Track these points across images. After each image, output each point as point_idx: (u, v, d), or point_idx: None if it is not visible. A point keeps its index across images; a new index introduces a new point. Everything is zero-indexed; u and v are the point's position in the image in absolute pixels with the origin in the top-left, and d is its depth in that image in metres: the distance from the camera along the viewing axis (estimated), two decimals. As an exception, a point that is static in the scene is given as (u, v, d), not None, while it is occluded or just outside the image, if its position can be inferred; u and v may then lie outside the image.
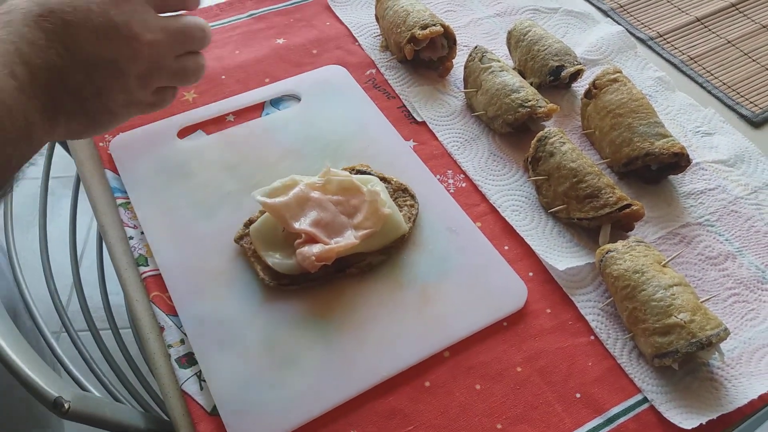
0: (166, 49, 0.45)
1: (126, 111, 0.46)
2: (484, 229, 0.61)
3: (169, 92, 0.49)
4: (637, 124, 0.64)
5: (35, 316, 0.71)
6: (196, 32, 0.47)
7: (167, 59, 0.46)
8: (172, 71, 0.46)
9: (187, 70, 0.48)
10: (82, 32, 0.41)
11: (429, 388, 0.51)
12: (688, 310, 0.51)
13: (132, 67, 0.43)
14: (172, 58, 0.46)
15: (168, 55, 0.45)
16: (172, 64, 0.46)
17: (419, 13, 0.73)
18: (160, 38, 0.44)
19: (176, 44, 0.46)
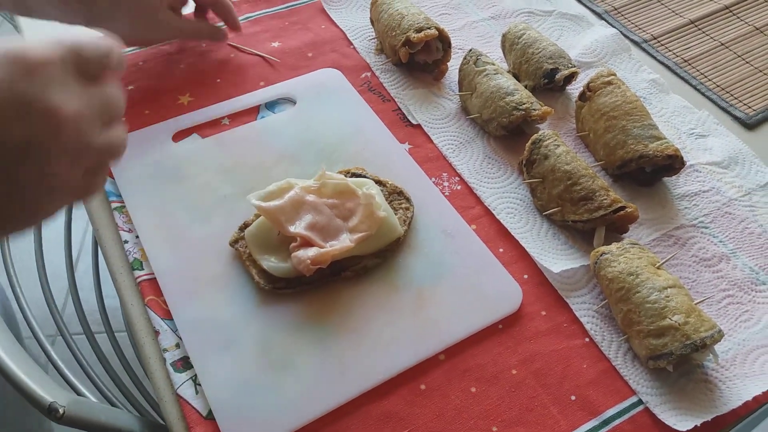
0: (91, 122, 0.38)
1: (51, 201, 0.39)
2: (479, 231, 0.62)
3: (101, 172, 0.41)
4: (631, 126, 0.64)
5: (30, 320, 0.71)
6: (117, 98, 0.41)
7: (92, 133, 0.38)
8: (98, 146, 0.39)
9: (114, 143, 0.40)
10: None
11: (424, 391, 0.51)
12: (683, 312, 0.51)
13: (54, 146, 0.36)
14: (96, 131, 0.38)
15: (92, 128, 0.38)
16: (98, 139, 0.39)
17: (414, 16, 0.73)
18: (84, 109, 0.37)
19: (102, 114, 0.39)
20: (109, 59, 0.40)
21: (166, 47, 0.77)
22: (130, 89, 0.72)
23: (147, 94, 0.71)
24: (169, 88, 0.72)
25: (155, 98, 0.71)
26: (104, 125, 0.39)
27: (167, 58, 0.76)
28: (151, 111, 0.70)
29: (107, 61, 0.39)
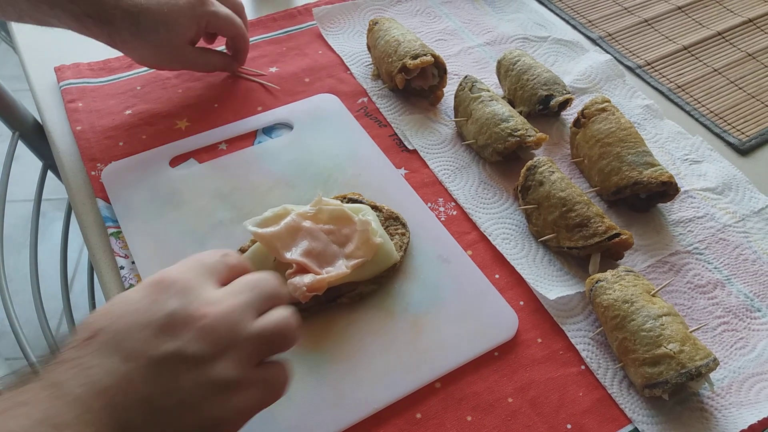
0: (240, 314, 0.39)
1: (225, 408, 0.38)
2: (475, 257, 0.62)
3: (276, 366, 0.42)
4: (626, 153, 0.65)
5: (21, 341, 0.70)
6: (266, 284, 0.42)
7: (244, 324, 0.39)
8: (256, 335, 0.39)
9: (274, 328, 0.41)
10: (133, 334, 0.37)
11: (420, 420, 0.51)
12: (678, 340, 0.51)
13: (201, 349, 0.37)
14: (250, 321, 0.40)
15: (244, 319, 0.39)
16: (253, 327, 0.40)
17: (410, 42, 0.74)
18: (228, 305, 0.39)
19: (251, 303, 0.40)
20: (227, 257, 0.43)
21: (165, 72, 0.78)
22: (127, 114, 0.72)
23: (144, 119, 0.72)
24: (166, 113, 0.73)
25: (152, 123, 0.72)
26: (260, 313, 0.41)
27: (165, 83, 0.76)
28: (148, 136, 0.70)
29: (229, 265, 0.43)
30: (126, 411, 0.35)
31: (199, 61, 0.72)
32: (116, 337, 0.36)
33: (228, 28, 0.71)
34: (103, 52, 0.79)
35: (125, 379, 0.35)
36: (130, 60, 0.79)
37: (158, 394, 0.36)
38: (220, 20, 0.70)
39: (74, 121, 0.71)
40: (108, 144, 0.69)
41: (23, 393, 0.34)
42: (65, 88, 0.74)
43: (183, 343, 0.37)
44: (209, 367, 0.37)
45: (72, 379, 0.35)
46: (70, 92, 0.74)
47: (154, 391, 0.36)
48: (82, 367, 0.35)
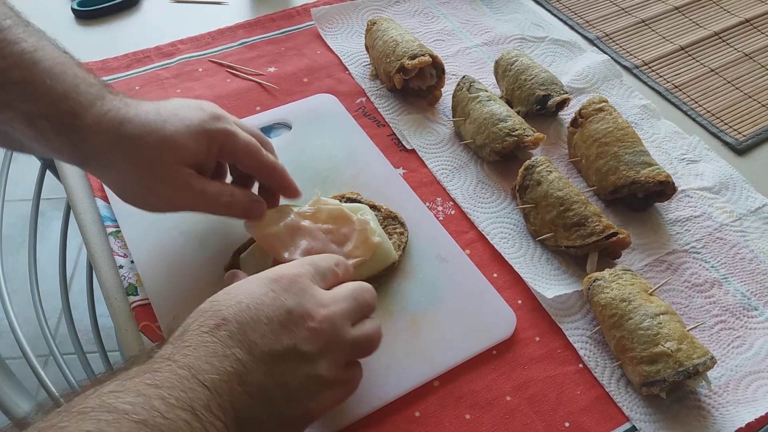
0: (342, 320, 0.43)
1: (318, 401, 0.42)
2: (473, 256, 0.62)
3: (357, 367, 0.47)
4: (623, 152, 0.65)
5: (20, 340, 0.70)
6: (366, 295, 0.47)
7: (345, 329, 0.43)
8: (351, 341, 0.44)
9: (366, 337, 0.45)
10: (257, 327, 0.39)
11: (419, 418, 0.51)
12: (675, 338, 0.51)
13: (311, 347, 0.41)
14: (349, 327, 0.44)
15: (345, 324, 0.43)
16: (351, 333, 0.44)
17: (408, 43, 0.74)
18: (334, 310, 0.43)
19: (351, 311, 0.45)
20: (338, 266, 0.47)
21: (162, 71, 0.78)
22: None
23: (143, 119, 0.72)
24: (165, 113, 0.73)
25: (152, 123, 0.72)
26: (355, 320, 0.45)
27: (163, 83, 0.76)
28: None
29: (336, 272, 0.47)
30: (245, 398, 0.38)
31: (208, 193, 0.51)
32: (243, 329, 0.39)
33: (248, 158, 0.53)
34: (101, 52, 0.79)
35: (248, 368, 0.38)
36: (128, 59, 0.79)
37: (273, 385, 0.39)
38: (239, 144, 0.52)
39: (73, 121, 0.71)
40: (107, 144, 0.69)
41: (156, 373, 0.36)
42: (64, 88, 0.74)
43: (298, 340, 0.40)
44: (315, 365, 0.41)
45: (204, 364, 0.37)
46: (68, 92, 0.73)
47: (271, 382, 0.39)
48: (213, 354, 0.38)
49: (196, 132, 0.49)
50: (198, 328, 0.39)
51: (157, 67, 0.79)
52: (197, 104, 0.52)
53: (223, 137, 0.50)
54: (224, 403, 0.37)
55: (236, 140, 0.51)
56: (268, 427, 0.39)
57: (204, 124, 0.50)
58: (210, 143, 0.50)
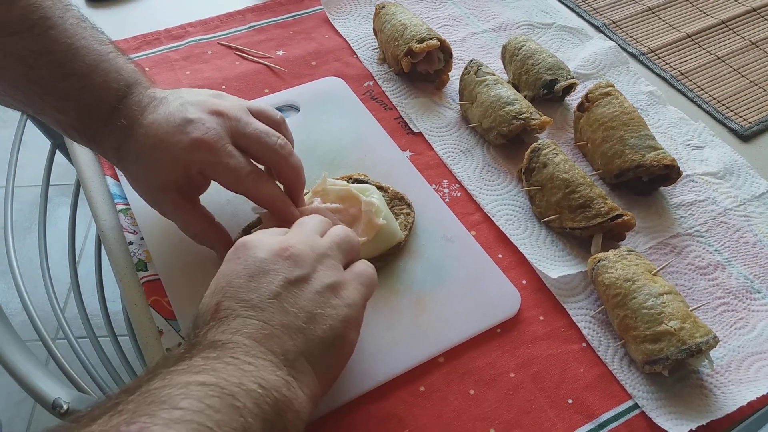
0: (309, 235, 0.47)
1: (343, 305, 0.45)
2: (478, 237, 0.63)
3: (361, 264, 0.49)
4: (629, 136, 0.65)
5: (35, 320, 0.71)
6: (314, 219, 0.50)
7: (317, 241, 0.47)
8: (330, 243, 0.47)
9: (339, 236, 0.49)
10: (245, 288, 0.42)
11: (424, 392, 0.52)
12: (678, 318, 0.52)
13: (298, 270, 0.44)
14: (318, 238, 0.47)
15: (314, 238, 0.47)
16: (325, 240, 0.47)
17: (416, 27, 0.74)
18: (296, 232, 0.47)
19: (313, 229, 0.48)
20: None
21: (172, 53, 0.78)
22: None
23: (153, 100, 0.72)
24: (174, 94, 0.73)
25: (161, 104, 0.72)
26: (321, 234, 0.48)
27: (173, 64, 0.77)
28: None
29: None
30: (275, 339, 0.40)
31: (178, 220, 0.54)
32: (234, 298, 0.42)
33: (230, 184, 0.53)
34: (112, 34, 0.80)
35: (261, 319, 0.41)
36: (138, 41, 0.80)
37: (290, 318, 0.42)
38: (219, 172, 0.51)
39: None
40: (117, 123, 0.70)
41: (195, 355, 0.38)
42: (74, 68, 0.75)
43: (285, 273, 0.43)
44: (312, 281, 0.44)
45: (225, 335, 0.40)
46: (79, 72, 0.74)
47: (286, 317, 0.42)
48: (228, 326, 0.40)
49: (176, 162, 0.51)
50: (203, 323, 0.42)
51: (167, 50, 0.79)
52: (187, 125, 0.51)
53: (200, 168, 0.51)
54: (262, 349, 0.40)
55: (214, 170, 0.51)
56: (314, 352, 0.42)
57: (183, 153, 0.50)
58: (189, 171, 0.51)
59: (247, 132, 0.52)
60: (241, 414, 0.35)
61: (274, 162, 0.54)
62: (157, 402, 0.33)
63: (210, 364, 0.37)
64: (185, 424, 0.32)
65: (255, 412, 0.36)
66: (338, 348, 0.44)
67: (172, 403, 0.33)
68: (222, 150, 0.50)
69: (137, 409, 0.33)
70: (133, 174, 0.53)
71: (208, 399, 0.34)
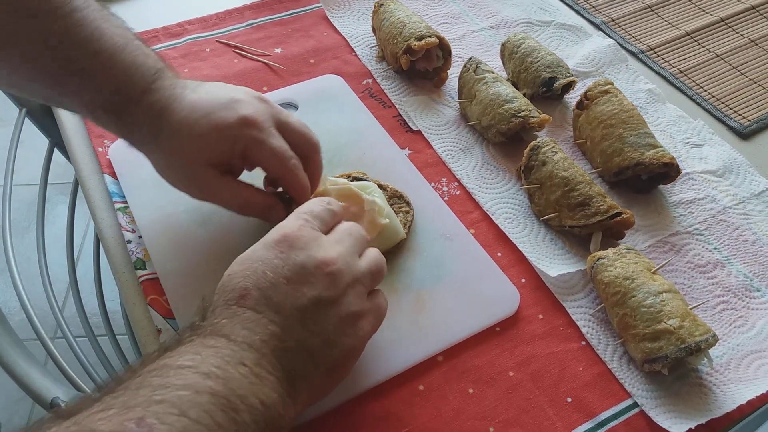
0: (351, 256, 0.46)
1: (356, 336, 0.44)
2: (477, 236, 0.62)
3: (379, 294, 0.49)
4: (628, 134, 0.65)
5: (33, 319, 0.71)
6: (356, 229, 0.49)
7: (355, 263, 0.46)
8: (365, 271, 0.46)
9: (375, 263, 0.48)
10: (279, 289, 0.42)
11: (423, 391, 0.52)
12: (678, 316, 0.52)
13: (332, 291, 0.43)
14: (357, 260, 0.46)
15: (354, 259, 0.46)
16: (361, 265, 0.46)
17: (415, 24, 0.74)
18: (341, 251, 0.45)
19: (354, 246, 0.47)
20: (332, 210, 0.49)
21: (170, 51, 0.78)
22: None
23: (151, 98, 0.72)
24: (173, 92, 0.73)
25: (159, 102, 0.72)
26: (359, 254, 0.47)
27: (172, 62, 0.77)
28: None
29: (333, 211, 0.49)
30: (287, 354, 0.41)
31: (224, 194, 0.54)
32: (265, 294, 0.41)
33: (273, 165, 0.53)
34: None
35: (281, 327, 0.41)
36: (136, 39, 0.79)
37: (308, 336, 0.42)
38: (265, 151, 0.51)
39: (81, 99, 0.71)
40: (115, 121, 0.69)
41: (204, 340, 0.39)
42: (72, 66, 0.74)
43: (319, 289, 0.42)
44: (341, 305, 0.43)
45: (241, 331, 0.40)
46: (76, 71, 0.74)
47: (307, 333, 0.41)
48: (246, 321, 0.40)
49: (222, 136, 0.50)
50: (224, 303, 0.41)
51: (165, 47, 0.79)
52: (234, 103, 0.51)
53: (246, 145, 0.51)
54: (272, 361, 0.40)
55: (260, 149, 0.51)
56: (314, 377, 0.42)
57: (230, 129, 0.50)
58: (233, 148, 0.51)
59: (289, 120, 0.54)
60: (239, 429, 0.35)
61: (308, 154, 0.55)
62: (167, 402, 0.34)
63: (222, 369, 0.37)
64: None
65: (252, 429, 0.36)
66: (337, 375, 0.45)
67: (181, 408, 0.34)
68: (268, 130, 0.51)
69: (148, 406, 0.33)
70: (169, 149, 0.51)
71: (215, 413, 0.35)
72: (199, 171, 0.52)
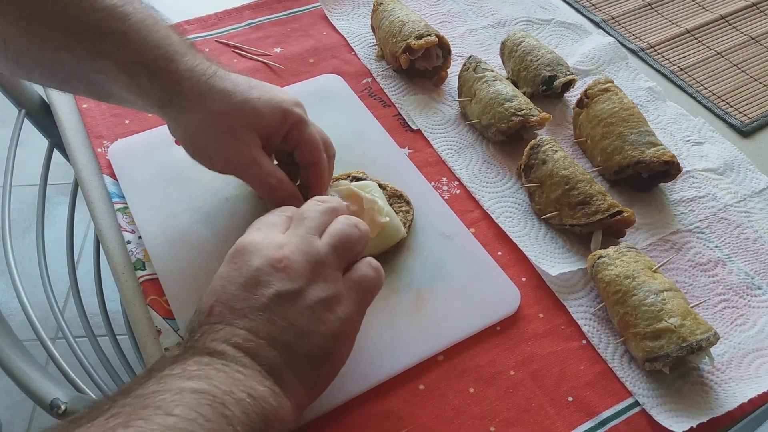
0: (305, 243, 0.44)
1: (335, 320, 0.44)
2: (477, 235, 0.62)
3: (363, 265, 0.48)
4: (628, 132, 0.65)
5: (33, 321, 0.71)
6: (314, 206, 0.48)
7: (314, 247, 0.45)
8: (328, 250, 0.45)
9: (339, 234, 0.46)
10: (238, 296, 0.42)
11: (423, 391, 0.52)
12: (679, 314, 0.52)
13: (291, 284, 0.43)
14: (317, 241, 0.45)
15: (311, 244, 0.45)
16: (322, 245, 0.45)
17: (414, 23, 0.74)
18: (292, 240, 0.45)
19: (310, 229, 0.46)
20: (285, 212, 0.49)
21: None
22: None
23: (150, 98, 0.72)
24: (172, 92, 0.73)
25: (158, 102, 0.72)
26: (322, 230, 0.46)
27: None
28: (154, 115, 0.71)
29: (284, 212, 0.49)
30: (262, 352, 0.41)
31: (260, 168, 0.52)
32: (227, 305, 0.42)
33: (310, 150, 0.55)
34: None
35: (249, 330, 0.41)
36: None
37: (279, 332, 0.41)
38: (306, 134, 0.54)
39: (81, 99, 0.71)
40: (114, 122, 0.69)
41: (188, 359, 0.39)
42: (71, 67, 0.74)
43: (275, 287, 0.42)
44: (305, 295, 0.43)
45: (214, 343, 0.40)
46: (76, 71, 0.74)
47: (275, 330, 0.41)
48: (217, 333, 0.41)
49: (276, 106, 0.52)
50: (198, 324, 0.43)
51: (164, 48, 0.79)
52: (282, 89, 0.55)
53: (296, 121, 0.53)
54: (249, 361, 0.40)
55: (304, 129, 0.54)
56: (300, 366, 0.42)
57: (284, 103, 0.53)
58: (283, 121, 0.53)
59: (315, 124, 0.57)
60: (230, 422, 0.35)
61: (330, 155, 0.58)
62: (152, 407, 0.34)
63: (203, 370, 0.38)
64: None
65: (243, 421, 0.36)
66: (326, 363, 0.44)
67: (166, 409, 0.34)
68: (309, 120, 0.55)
69: (133, 412, 0.33)
70: (214, 111, 0.51)
71: (201, 407, 0.35)
72: (244, 137, 0.51)
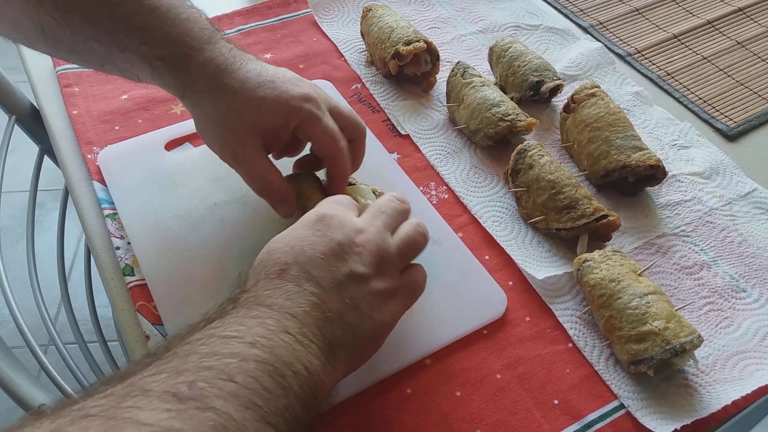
0: (381, 234, 0.48)
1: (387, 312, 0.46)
2: (465, 239, 0.63)
3: (414, 270, 0.50)
4: (614, 137, 0.66)
5: (23, 329, 0.71)
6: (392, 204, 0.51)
7: (386, 242, 0.48)
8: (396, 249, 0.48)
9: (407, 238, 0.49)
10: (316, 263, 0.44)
11: (411, 395, 0.52)
12: (663, 317, 0.52)
13: (364, 267, 0.45)
14: (389, 238, 0.48)
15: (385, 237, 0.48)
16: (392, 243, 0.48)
17: (403, 29, 0.75)
18: (370, 229, 0.47)
19: (386, 223, 0.49)
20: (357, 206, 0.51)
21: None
22: (123, 99, 0.73)
23: (140, 104, 0.73)
24: (162, 98, 0.74)
25: (148, 108, 0.72)
26: (393, 229, 0.50)
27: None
28: (144, 120, 0.71)
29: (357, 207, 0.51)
30: (327, 324, 0.43)
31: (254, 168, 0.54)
32: (304, 268, 0.44)
33: (324, 143, 0.55)
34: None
35: (321, 299, 0.43)
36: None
37: (345, 308, 0.44)
38: (319, 129, 0.54)
39: (71, 106, 0.71)
40: (104, 128, 0.70)
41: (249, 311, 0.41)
42: (62, 73, 0.75)
43: (352, 265, 0.45)
44: (373, 282, 0.46)
45: (285, 302, 0.42)
46: (66, 77, 0.74)
47: (342, 306, 0.44)
48: (288, 292, 0.42)
49: (281, 106, 0.52)
50: (266, 276, 0.44)
51: (154, 54, 0.79)
52: (299, 79, 0.55)
53: (303, 119, 0.53)
54: (314, 330, 0.42)
55: (316, 124, 0.54)
56: (352, 346, 0.44)
57: (291, 101, 0.53)
58: (287, 121, 0.53)
59: (339, 106, 0.57)
60: (287, 394, 0.38)
61: (356, 137, 0.58)
62: (215, 369, 0.36)
63: (264, 335, 0.39)
64: (239, 400, 0.35)
65: (298, 393, 0.38)
66: (370, 349, 0.47)
67: (229, 374, 0.36)
68: (323, 111, 0.54)
69: (198, 371, 0.35)
70: (222, 109, 0.52)
71: (261, 378, 0.37)
72: (249, 135, 0.53)
